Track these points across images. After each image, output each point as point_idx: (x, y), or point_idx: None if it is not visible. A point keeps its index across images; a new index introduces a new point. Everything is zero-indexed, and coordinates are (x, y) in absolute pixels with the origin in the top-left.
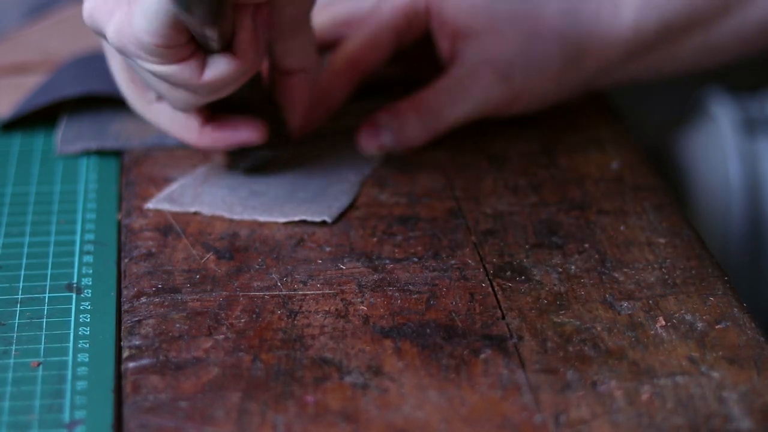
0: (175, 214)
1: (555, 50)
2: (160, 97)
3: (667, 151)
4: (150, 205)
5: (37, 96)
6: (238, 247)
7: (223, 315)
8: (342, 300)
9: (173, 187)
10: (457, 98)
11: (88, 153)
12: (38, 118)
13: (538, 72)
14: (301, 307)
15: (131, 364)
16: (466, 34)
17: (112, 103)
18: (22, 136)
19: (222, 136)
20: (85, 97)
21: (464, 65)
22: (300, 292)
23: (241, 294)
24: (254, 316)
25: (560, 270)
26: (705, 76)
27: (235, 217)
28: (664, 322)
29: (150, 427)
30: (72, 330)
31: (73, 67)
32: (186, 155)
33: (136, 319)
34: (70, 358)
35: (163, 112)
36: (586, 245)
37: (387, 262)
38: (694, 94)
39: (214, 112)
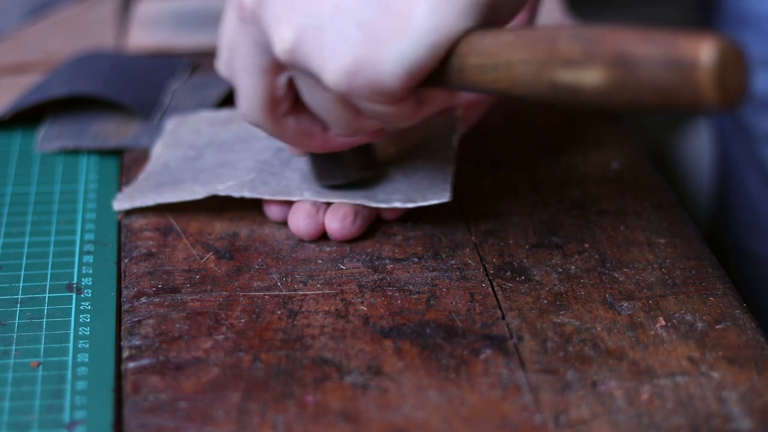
0: (176, 215)
1: None
2: (289, 112)
3: (667, 151)
4: (115, 206)
5: (27, 96)
6: (238, 247)
7: (223, 315)
8: (342, 300)
9: (134, 183)
10: None
11: (65, 151)
12: (38, 119)
13: None
14: (301, 307)
15: (131, 364)
16: None
17: (97, 104)
18: (22, 136)
19: (339, 142)
20: (72, 97)
21: None
22: (300, 292)
23: (241, 294)
24: (254, 316)
25: (560, 270)
26: None
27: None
28: (664, 322)
29: (150, 427)
30: (72, 330)
31: (68, 68)
32: None
33: (136, 319)
34: (70, 358)
35: (289, 124)
36: (586, 245)
37: (387, 262)
38: None
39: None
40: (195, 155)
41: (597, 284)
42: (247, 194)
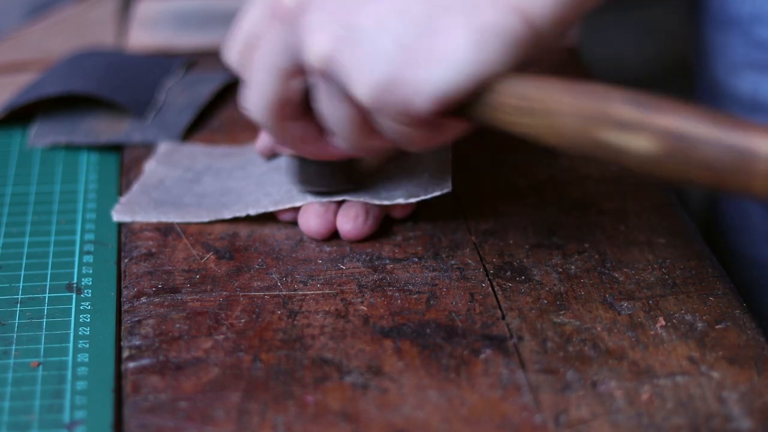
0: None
1: None
2: (295, 118)
3: None
4: (115, 217)
5: (22, 95)
6: (238, 247)
7: (223, 315)
8: (342, 300)
9: (129, 195)
10: None
11: (57, 146)
12: (35, 118)
13: None
14: (301, 307)
15: (131, 364)
16: None
17: (90, 101)
18: (22, 135)
19: (335, 153)
20: (66, 95)
21: None
22: (300, 292)
23: (241, 294)
24: (254, 316)
25: (560, 270)
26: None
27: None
28: (664, 322)
29: (150, 427)
30: (72, 330)
31: (63, 66)
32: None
33: (136, 319)
34: (70, 358)
35: (291, 129)
36: (586, 245)
37: (387, 262)
38: (695, 94)
39: None
40: (192, 178)
41: (597, 284)
42: (252, 211)
